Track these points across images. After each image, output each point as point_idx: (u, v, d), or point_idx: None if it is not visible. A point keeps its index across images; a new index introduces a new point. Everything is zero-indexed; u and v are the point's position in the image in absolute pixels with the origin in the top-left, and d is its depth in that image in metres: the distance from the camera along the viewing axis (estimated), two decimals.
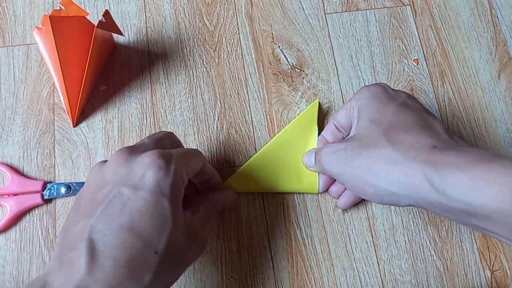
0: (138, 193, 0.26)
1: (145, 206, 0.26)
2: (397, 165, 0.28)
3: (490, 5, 0.45)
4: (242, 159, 0.39)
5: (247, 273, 0.36)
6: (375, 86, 0.33)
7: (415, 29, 0.44)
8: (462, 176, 0.25)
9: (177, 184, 0.27)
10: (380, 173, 0.28)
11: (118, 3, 0.44)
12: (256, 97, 0.41)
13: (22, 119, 0.40)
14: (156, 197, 0.26)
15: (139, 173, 0.26)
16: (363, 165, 0.29)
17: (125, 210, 0.25)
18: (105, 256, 0.24)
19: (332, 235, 0.37)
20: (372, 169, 0.29)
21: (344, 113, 0.35)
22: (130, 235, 0.25)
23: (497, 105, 0.42)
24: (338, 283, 0.36)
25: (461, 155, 0.26)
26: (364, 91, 0.33)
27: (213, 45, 0.43)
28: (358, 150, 0.30)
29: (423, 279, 0.36)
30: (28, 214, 0.37)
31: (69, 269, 0.24)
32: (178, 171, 0.27)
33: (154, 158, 0.27)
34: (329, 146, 0.34)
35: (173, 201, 0.27)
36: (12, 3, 0.43)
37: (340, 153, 0.32)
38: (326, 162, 0.33)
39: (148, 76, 0.41)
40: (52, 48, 0.36)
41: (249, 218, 0.38)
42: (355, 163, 0.30)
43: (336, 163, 0.32)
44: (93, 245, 0.25)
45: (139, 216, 0.25)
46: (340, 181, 0.33)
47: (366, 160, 0.29)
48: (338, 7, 0.44)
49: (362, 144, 0.30)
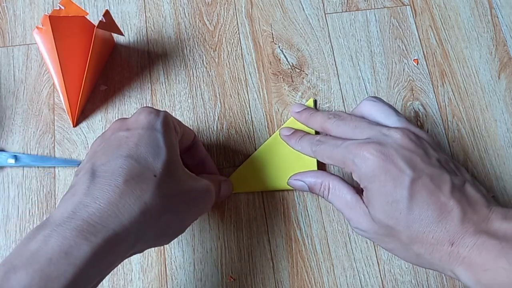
0: (133, 131, 0.29)
1: (139, 138, 0.28)
2: (427, 262, 0.30)
3: (490, 5, 0.45)
4: (242, 159, 0.39)
5: (247, 273, 0.36)
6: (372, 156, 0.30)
7: (415, 29, 0.44)
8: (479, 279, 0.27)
9: (167, 123, 0.30)
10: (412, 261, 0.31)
11: (118, 3, 0.44)
12: (256, 97, 0.41)
13: (22, 119, 0.40)
14: (149, 131, 0.29)
15: (133, 119, 0.30)
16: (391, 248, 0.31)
17: (122, 144, 0.28)
18: (104, 177, 0.26)
19: (332, 235, 0.37)
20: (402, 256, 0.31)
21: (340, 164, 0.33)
22: (128, 160, 0.27)
23: (497, 105, 0.42)
24: (338, 283, 0.36)
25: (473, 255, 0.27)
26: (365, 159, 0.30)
27: (213, 45, 0.43)
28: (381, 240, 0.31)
29: (423, 279, 0.36)
30: (28, 214, 0.37)
31: (70, 197, 0.26)
32: (168, 116, 0.30)
33: (144, 108, 0.30)
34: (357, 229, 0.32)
35: (166, 136, 0.29)
36: (12, 3, 0.43)
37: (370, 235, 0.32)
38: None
39: (148, 76, 0.41)
40: (52, 48, 0.36)
41: (249, 218, 0.38)
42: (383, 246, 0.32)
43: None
44: (94, 173, 0.27)
45: (135, 146, 0.28)
46: None
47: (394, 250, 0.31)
48: (338, 7, 0.44)
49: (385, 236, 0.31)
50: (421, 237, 0.28)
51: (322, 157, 0.34)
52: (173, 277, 0.36)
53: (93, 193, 0.25)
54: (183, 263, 0.36)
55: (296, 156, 0.38)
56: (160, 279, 0.36)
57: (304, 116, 0.37)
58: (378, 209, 0.30)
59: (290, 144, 0.37)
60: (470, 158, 0.40)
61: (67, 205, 0.25)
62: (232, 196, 0.38)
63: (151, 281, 0.36)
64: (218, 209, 0.38)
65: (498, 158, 0.40)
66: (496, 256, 0.26)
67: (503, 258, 0.26)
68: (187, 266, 0.36)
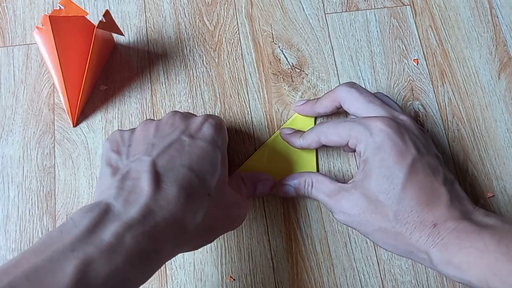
0: (196, 141, 0.29)
1: (202, 152, 0.29)
2: (404, 243, 0.30)
3: (490, 5, 0.45)
4: (242, 159, 0.39)
5: (247, 273, 0.36)
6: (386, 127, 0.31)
7: (415, 29, 0.44)
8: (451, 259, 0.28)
9: (225, 140, 0.31)
10: (389, 243, 0.31)
11: (118, 3, 0.44)
12: (256, 97, 0.41)
13: (22, 119, 0.40)
14: (211, 146, 0.29)
15: (196, 127, 0.30)
16: (370, 231, 0.32)
17: (185, 153, 0.28)
18: (169, 184, 0.26)
19: (332, 235, 0.37)
20: (380, 238, 0.31)
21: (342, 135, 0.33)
22: (190, 172, 0.27)
23: (497, 105, 0.42)
24: (338, 283, 0.36)
25: (451, 236, 0.28)
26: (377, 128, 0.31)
27: (213, 45, 0.43)
28: (365, 219, 0.31)
29: (423, 279, 0.36)
30: (28, 214, 0.37)
31: (131, 195, 0.25)
32: (224, 130, 0.32)
33: (207, 117, 0.31)
34: (340, 212, 0.33)
35: (223, 154, 0.30)
36: (12, 3, 0.43)
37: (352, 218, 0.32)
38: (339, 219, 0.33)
39: (148, 76, 0.41)
40: (52, 48, 0.36)
41: (249, 218, 0.38)
42: (362, 230, 0.32)
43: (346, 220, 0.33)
44: (157, 175, 0.27)
45: (197, 159, 0.28)
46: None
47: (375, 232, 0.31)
48: (338, 7, 0.44)
49: (370, 213, 0.31)
50: (407, 215, 0.29)
51: (326, 134, 0.34)
52: (173, 277, 0.36)
53: (159, 202, 0.26)
54: (183, 263, 0.36)
55: (296, 157, 0.38)
56: (160, 279, 0.36)
57: (310, 104, 0.38)
58: (373, 181, 0.31)
59: (292, 142, 0.37)
60: (470, 158, 0.40)
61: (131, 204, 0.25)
62: None
63: (151, 281, 0.36)
64: None
65: (498, 158, 0.40)
66: (474, 239, 0.27)
67: (480, 240, 0.27)
68: (187, 266, 0.36)
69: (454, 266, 0.28)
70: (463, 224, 0.28)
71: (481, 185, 0.39)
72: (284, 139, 0.38)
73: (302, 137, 0.36)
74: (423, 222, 0.29)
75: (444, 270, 0.28)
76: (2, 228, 0.37)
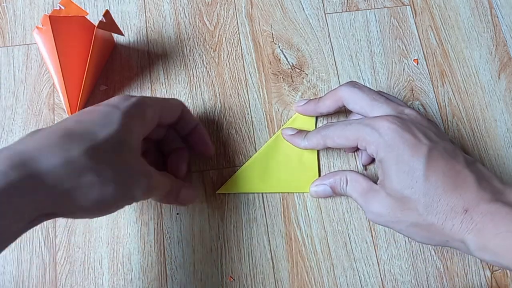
0: (98, 106, 0.29)
1: (97, 110, 0.29)
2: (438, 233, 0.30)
3: (490, 5, 0.45)
4: (242, 159, 0.39)
5: (247, 273, 0.36)
6: (393, 125, 0.31)
7: (415, 29, 0.44)
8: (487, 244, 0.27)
9: (135, 109, 0.30)
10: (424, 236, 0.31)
11: (118, 3, 0.44)
12: (256, 97, 0.41)
13: (22, 119, 0.40)
14: (110, 108, 0.29)
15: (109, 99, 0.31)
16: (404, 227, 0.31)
17: (81, 113, 0.29)
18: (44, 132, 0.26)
19: (332, 235, 0.37)
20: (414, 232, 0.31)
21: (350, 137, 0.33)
22: (74, 122, 0.28)
23: (497, 105, 0.42)
24: (338, 283, 0.36)
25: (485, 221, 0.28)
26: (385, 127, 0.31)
27: (213, 45, 0.43)
28: (395, 217, 0.31)
29: (423, 279, 0.36)
30: None
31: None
32: (141, 102, 0.31)
33: (122, 95, 0.31)
34: (370, 212, 0.32)
35: (124, 116, 0.29)
36: (12, 3, 0.43)
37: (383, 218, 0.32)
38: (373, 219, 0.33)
39: (148, 76, 0.41)
40: (52, 48, 0.36)
41: (249, 218, 0.38)
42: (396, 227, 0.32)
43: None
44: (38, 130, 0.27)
45: (88, 114, 0.29)
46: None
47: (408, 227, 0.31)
48: (338, 7, 0.44)
49: (399, 211, 0.31)
50: (436, 205, 0.29)
51: (333, 138, 0.34)
52: (173, 277, 0.36)
53: (34, 137, 0.26)
54: (183, 263, 0.36)
55: (297, 158, 0.38)
56: (160, 279, 0.36)
57: (312, 104, 0.37)
58: (394, 179, 0.30)
59: (295, 143, 0.37)
60: None
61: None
62: (232, 196, 0.38)
63: (151, 281, 0.36)
64: (218, 209, 0.38)
65: (498, 158, 0.40)
66: (509, 222, 0.27)
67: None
68: (187, 266, 0.36)
69: (491, 251, 0.27)
70: (496, 206, 0.28)
71: None
72: (287, 140, 0.38)
73: (307, 138, 0.36)
74: (454, 208, 0.29)
75: (481, 256, 0.28)
76: None
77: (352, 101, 0.34)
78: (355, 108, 0.34)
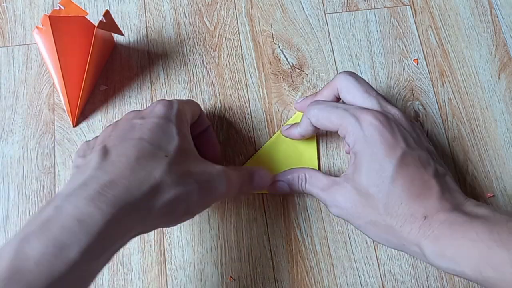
0: (147, 119, 0.30)
1: (153, 125, 0.29)
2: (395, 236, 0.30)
3: (490, 5, 0.45)
4: (242, 159, 0.39)
5: (247, 273, 0.36)
6: (376, 121, 0.31)
7: (415, 29, 0.44)
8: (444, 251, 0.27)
9: (181, 114, 0.31)
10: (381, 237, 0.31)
11: (118, 3, 0.44)
12: (256, 97, 0.41)
13: (22, 119, 0.40)
14: (163, 121, 0.30)
15: (149, 110, 0.31)
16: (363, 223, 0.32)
17: (136, 130, 0.29)
18: (116, 156, 0.27)
19: (332, 235, 0.37)
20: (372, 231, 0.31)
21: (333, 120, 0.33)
22: (139, 141, 0.28)
23: (497, 105, 0.42)
24: (338, 283, 0.36)
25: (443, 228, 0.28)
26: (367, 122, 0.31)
27: (213, 45, 0.43)
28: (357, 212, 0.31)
29: (423, 279, 0.36)
30: (28, 214, 0.37)
31: (80, 174, 0.26)
32: (181, 108, 0.32)
33: (159, 101, 0.32)
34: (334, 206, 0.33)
35: (178, 126, 0.30)
36: (12, 3, 0.43)
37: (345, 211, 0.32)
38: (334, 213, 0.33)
39: (148, 76, 0.41)
40: (52, 48, 0.36)
41: (249, 218, 0.38)
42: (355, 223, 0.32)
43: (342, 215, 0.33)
44: (106, 152, 0.27)
45: (148, 131, 0.29)
46: None
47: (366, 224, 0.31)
48: (338, 7, 0.44)
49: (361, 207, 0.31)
50: (397, 208, 0.29)
51: (318, 118, 0.34)
52: (173, 277, 0.36)
53: (105, 168, 0.26)
54: (183, 263, 0.36)
55: (297, 157, 0.38)
56: (160, 279, 0.36)
57: (310, 99, 0.38)
58: (363, 175, 0.31)
59: (292, 134, 0.37)
60: (470, 158, 0.40)
61: (77, 179, 0.25)
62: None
63: (151, 281, 0.36)
64: (218, 209, 0.38)
65: (498, 158, 0.40)
66: (466, 229, 0.27)
67: (472, 231, 0.27)
68: (187, 266, 0.36)
69: (448, 258, 0.27)
70: (454, 215, 0.28)
71: (481, 185, 0.39)
72: (285, 135, 0.38)
73: (299, 125, 0.36)
74: (414, 214, 0.29)
75: (437, 263, 0.28)
76: (2, 228, 0.37)
77: (346, 90, 0.34)
78: (346, 97, 0.34)
